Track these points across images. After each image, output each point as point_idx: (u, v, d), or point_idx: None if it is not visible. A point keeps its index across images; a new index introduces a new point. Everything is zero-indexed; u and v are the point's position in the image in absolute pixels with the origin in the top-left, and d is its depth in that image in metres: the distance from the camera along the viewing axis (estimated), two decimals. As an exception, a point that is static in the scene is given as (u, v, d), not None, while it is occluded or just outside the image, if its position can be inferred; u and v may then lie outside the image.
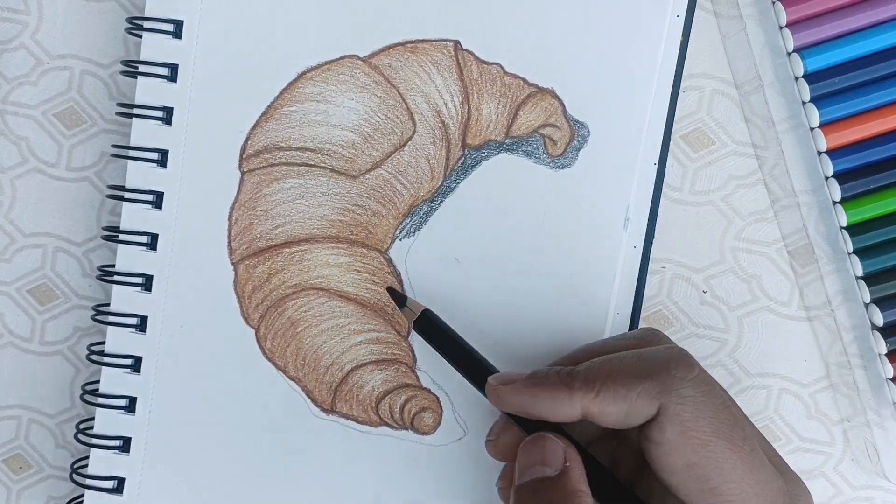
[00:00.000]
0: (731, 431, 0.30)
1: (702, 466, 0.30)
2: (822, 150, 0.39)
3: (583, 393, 0.31)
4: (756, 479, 0.30)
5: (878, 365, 0.39)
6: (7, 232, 0.41)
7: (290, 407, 0.39)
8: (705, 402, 0.30)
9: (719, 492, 0.30)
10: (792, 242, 0.41)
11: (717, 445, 0.30)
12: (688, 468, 0.30)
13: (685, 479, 0.30)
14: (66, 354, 0.42)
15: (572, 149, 0.39)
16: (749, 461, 0.30)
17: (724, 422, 0.30)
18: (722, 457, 0.30)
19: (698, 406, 0.30)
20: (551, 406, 0.31)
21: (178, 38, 0.38)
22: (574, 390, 0.31)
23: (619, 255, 0.39)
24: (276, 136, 0.39)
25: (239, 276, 0.39)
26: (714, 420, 0.30)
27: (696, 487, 0.30)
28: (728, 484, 0.30)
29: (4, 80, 0.41)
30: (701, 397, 0.30)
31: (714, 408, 0.30)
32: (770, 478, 0.30)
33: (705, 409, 0.30)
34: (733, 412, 0.31)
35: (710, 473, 0.30)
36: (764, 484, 0.30)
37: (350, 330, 0.39)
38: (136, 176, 0.39)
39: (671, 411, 0.30)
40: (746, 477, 0.30)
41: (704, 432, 0.30)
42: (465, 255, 0.39)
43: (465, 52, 0.39)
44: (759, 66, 0.39)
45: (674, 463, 0.30)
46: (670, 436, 0.30)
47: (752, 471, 0.30)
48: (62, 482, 0.42)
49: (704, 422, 0.30)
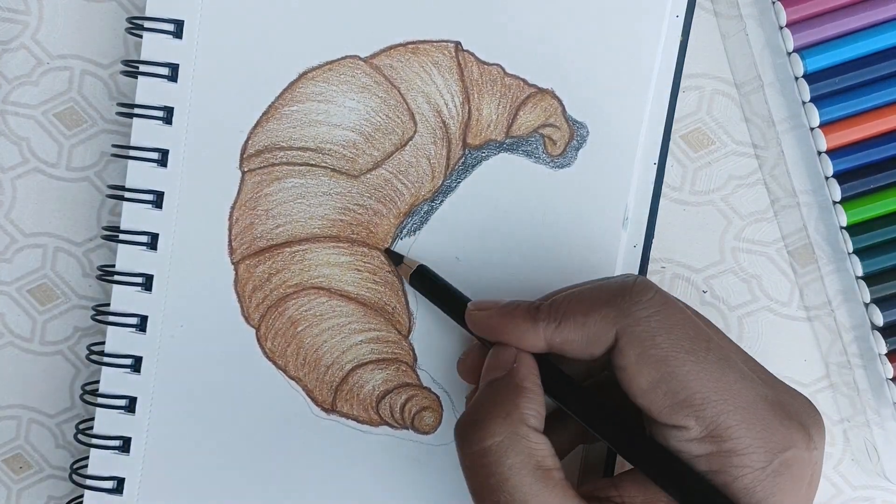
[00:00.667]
0: (692, 344, 0.30)
1: (667, 381, 0.29)
2: (822, 150, 0.39)
3: (545, 323, 0.31)
4: (726, 385, 0.29)
5: (878, 365, 0.39)
6: (7, 232, 0.41)
7: (290, 407, 0.39)
8: (661, 320, 0.30)
9: (689, 403, 0.29)
10: (792, 242, 0.41)
11: (677, 359, 0.29)
12: (654, 386, 0.30)
13: (654, 398, 0.30)
14: (66, 354, 0.42)
15: (571, 148, 0.39)
16: (717, 369, 0.29)
17: (683, 336, 0.30)
18: (685, 369, 0.29)
19: (654, 324, 0.30)
20: (517, 334, 0.32)
21: (179, 38, 0.38)
22: (538, 320, 0.32)
23: (619, 254, 0.39)
24: (276, 135, 0.39)
25: (239, 276, 0.39)
26: (672, 335, 0.30)
27: (666, 404, 0.29)
28: (696, 394, 0.29)
29: (5, 80, 0.41)
30: (657, 316, 0.30)
31: (672, 323, 0.30)
32: (745, 384, 0.30)
33: (662, 326, 0.30)
34: (696, 325, 0.31)
35: (676, 387, 0.29)
36: (738, 390, 0.29)
37: (350, 329, 0.39)
38: (136, 176, 0.39)
39: (629, 333, 0.30)
40: (715, 385, 0.29)
41: (663, 348, 0.30)
42: (465, 254, 0.39)
43: (465, 53, 0.39)
44: (759, 66, 0.39)
45: (640, 384, 0.30)
46: (632, 358, 0.30)
47: (722, 378, 0.29)
48: (62, 482, 0.42)
49: (662, 338, 0.30)
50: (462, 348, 0.39)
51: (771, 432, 0.29)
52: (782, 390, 0.31)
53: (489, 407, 0.31)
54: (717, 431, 0.29)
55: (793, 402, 0.31)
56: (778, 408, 0.30)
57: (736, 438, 0.29)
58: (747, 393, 0.29)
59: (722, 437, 0.29)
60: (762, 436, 0.29)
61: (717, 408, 0.29)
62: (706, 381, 0.29)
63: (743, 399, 0.29)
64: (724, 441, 0.29)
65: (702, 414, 0.29)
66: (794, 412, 0.30)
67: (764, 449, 0.29)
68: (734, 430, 0.29)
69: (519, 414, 0.31)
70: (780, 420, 0.29)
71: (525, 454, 0.30)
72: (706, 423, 0.29)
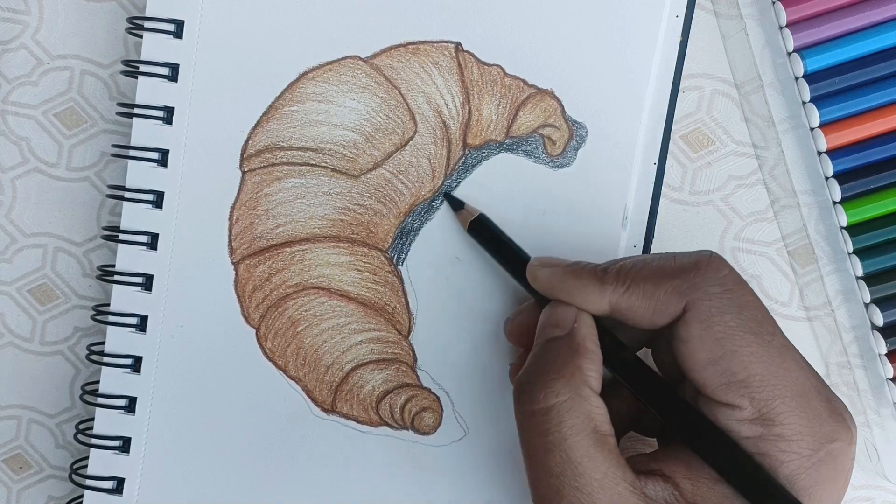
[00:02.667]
0: (758, 326, 0.30)
1: (727, 359, 0.29)
2: (822, 150, 0.39)
3: (613, 287, 0.31)
4: (785, 371, 0.29)
5: (878, 365, 0.39)
6: (7, 232, 0.41)
7: (290, 407, 0.39)
8: (732, 298, 0.30)
9: (746, 384, 0.29)
10: (792, 242, 0.41)
11: (742, 339, 0.29)
12: (713, 362, 0.30)
13: (712, 374, 0.30)
14: (66, 354, 0.42)
15: (571, 148, 0.39)
16: (778, 354, 0.30)
17: (750, 317, 0.30)
18: (748, 350, 0.29)
19: (724, 301, 0.30)
20: (583, 295, 0.32)
21: (179, 38, 0.38)
22: (606, 283, 0.31)
23: (619, 254, 0.39)
24: (277, 135, 0.39)
25: (239, 276, 0.39)
26: (740, 315, 0.30)
27: (722, 381, 0.29)
28: (754, 376, 0.29)
29: (5, 80, 0.41)
30: (727, 294, 0.30)
31: (742, 303, 0.30)
32: (800, 372, 0.30)
33: (731, 304, 0.30)
34: (764, 309, 0.31)
35: (735, 366, 0.29)
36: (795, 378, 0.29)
37: (350, 329, 0.39)
38: (136, 176, 0.39)
39: (698, 306, 0.30)
40: (776, 370, 0.29)
41: (729, 326, 0.30)
42: (465, 253, 0.39)
43: (465, 54, 0.39)
44: (759, 66, 0.39)
45: (700, 358, 0.30)
46: (695, 331, 0.30)
47: (783, 364, 0.30)
48: (62, 482, 0.42)
49: (730, 316, 0.30)
50: (463, 348, 0.39)
51: (820, 422, 0.29)
52: (826, 386, 0.31)
53: (551, 366, 0.31)
54: (768, 415, 0.29)
55: (835, 398, 0.31)
56: (826, 401, 0.30)
57: (786, 424, 0.29)
58: (803, 382, 0.30)
59: (773, 420, 0.29)
60: (812, 424, 0.29)
61: (773, 392, 0.29)
62: (767, 365, 0.29)
63: (799, 387, 0.30)
64: (775, 425, 0.29)
65: (757, 395, 0.29)
66: (838, 407, 0.30)
67: (812, 437, 0.29)
68: (786, 416, 0.29)
69: (582, 375, 0.30)
70: (828, 412, 0.30)
71: (585, 416, 0.30)
72: (759, 405, 0.29)
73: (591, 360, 0.31)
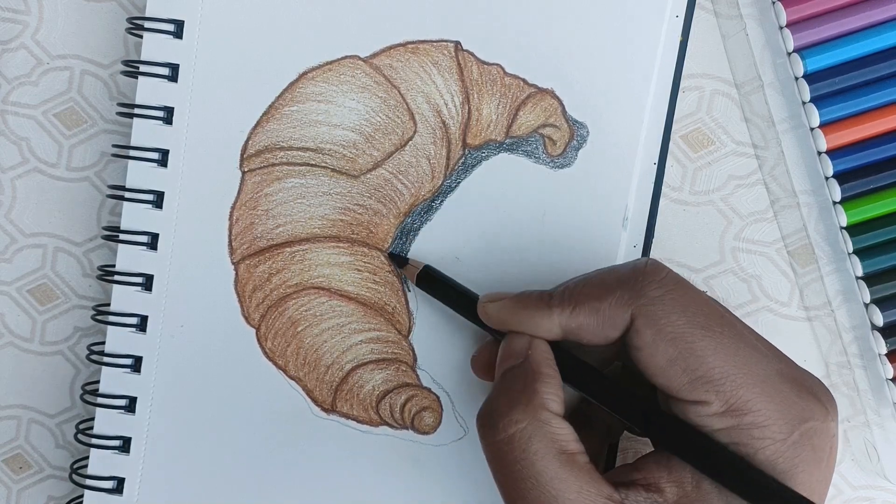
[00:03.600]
0: (707, 320, 0.30)
1: (684, 358, 0.30)
2: (822, 150, 0.39)
3: (559, 310, 0.32)
4: (743, 360, 0.30)
5: (878, 365, 0.39)
6: (7, 232, 0.41)
7: (290, 407, 0.39)
8: (676, 298, 0.30)
9: (707, 379, 0.29)
10: (792, 242, 0.41)
11: (693, 336, 0.30)
12: (671, 364, 0.30)
13: (672, 375, 0.30)
14: (66, 354, 0.42)
15: (571, 148, 0.39)
16: (732, 345, 0.30)
17: (698, 312, 0.30)
18: (701, 345, 0.30)
19: (668, 303, 0.30)
20: (532, 322, 0.32)
21: (179, 38, 0.38)
22: (552, 307, 0.32)
23: (619, 254, 0.39)
24: (277, 135, 0.39)
25: (239, 276, 0.39)
26: (687, 312, 0.30)
27: (684, 381, 0.30)
28: (714, 370, 0.29)
29: (5, 80, 0.41)
30: (671, 294, 0.30)
31: (686, 301, 0.30)
32: (760, 359, 0.30)
33: (676, 304, 0.30)
34: (709, 303, 0.31)
35: (693, 364, 0.29)
36: (754, 365, 0.30)
37: (350, 329, 0.39)
38: (136, 176, 0.39)
39: (643, 313, 0.30)
40: (732, 360, 0.29)
41: (678, 326, 0.30)
42: (465, 254, 0.39)
43: (465, 53, 0.39)
44: (759, 66, 0.39)
45: (658, 363, 0.30)
46: (647, 338, 0.30)
47: (737, 353, 0.30)
48: (62, 482, 0.42)
49: (676, 316, 0.30)
50: (463, 347, 0.39)
51: (789, 404, 0.29)
52: (794, 366, 0.31)
53: (508, 395, 0.31)
54: (737, 405, 0.29)
55: (806, 377, 0.31)
56: (793, 381, 0.30)
57: (756, 411, 0.29)
58: (764, 367, 0.30)
59: (742, 410, 0.29)
60: (781, 408, 0.29)
61: (736, 381, 0.29)
62: (723, 357, 0.29)
63: (760, 373, 0.30)
64: (745, 414, 0.29)
65: (721, 388, 0.29)
66: (808, 386, 0.30)
67: (784, 420, 0.29)
68: (754, 403, 0.29)
69: (539, 399, 0.31)
70: (796, 392, 0.30)
71: (548, 439, 0.30)
72: (726, 397, 0.29)
73: (547, 383, 0.31)
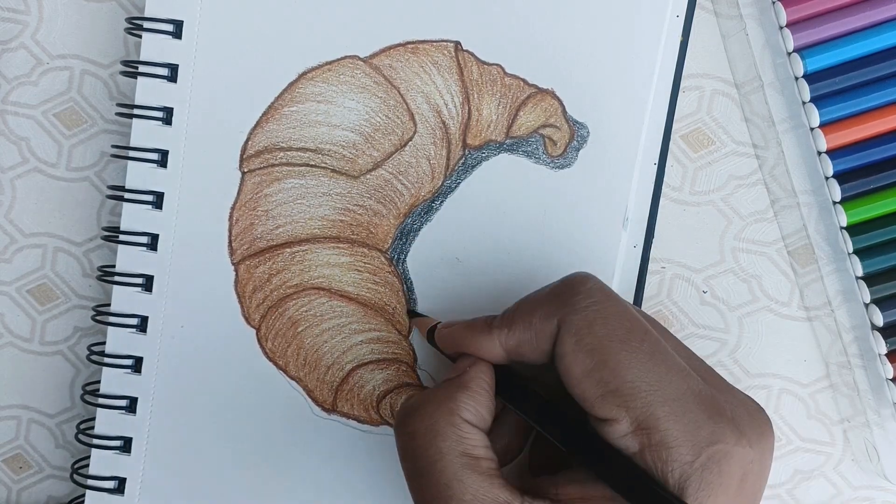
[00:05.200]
0: (626, 333, 0.30)
1: (598, 370, 0.30)
2: (822, 150, 0.39)
3: (499, 331, 0.33)
4: (657, 377, 0.29)
5: (878, 365, 0.39)
6: (7, 232, 0.41)
7: (291, 407, 0.39)
8: (599, 310, 0.31)
9: (619, 393, 0.29)
10: (792, 242, 0.41)
11: (610, 348, 0.30)
12: (587, 375, 0.30)
13: (587, 386, 0.30)
14: (66, 354, 0.42)
15: (572, 149, 0.39)
16: (648, 360, 0.30)
17: (618, 325, 0.30)
18: (616, 358, 0.30)
19: (591, 313, 0.31)
20: (477, 345, 0.33)
21: (178, 39, 0.38)
22: (493, 329, 0.33)
23: (619, 254, 0.39)
24: (276, 136, 0.39)
25: (240, 277, 0.39)
26: (608, 324, 0.30)
27: (597, 393, 0.30)
28: (625, 384, 0.29)
29: (4, 80, 0.41)
30: (594, 306, 0.31)
31: (609, 314, 0.31)
32: (676, 377, 0.30)
33: (599, 315, 0.31)
34: (633, 317, 0.31)
35: (607, 376, 0.30)
36: (667, 382, 0.29)
37: (351, 329, 0.39)
38: (136, 176, 0.39)
39: (567, 322, 0.31)
40: (645, 375, 0.29)
41: (598, 336, 0.30)
42: (465, 254, 0.39)
43: (465, 53, 0.39)
44: (759, 66, 0.39)
45: (575, 372, 0.30)
46: (568, 346, 0.30)
47: (653, 370, 0.30)
48: (62, 482, 0.42)
49: (598, 327, 0.30)
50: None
51: (697, 426, 0.29)
52: (722, 389, 0.31)
53: (431, 397, 0.32)
54: (646, 423, 0.29)
55: (730, 401, 0.31)
56: (708, 402, 0.30)
57: (664, 430, 0.29)
58: (677, 385, 0.30)
59: (652, 429, 0.29)
60: (689, 429, 0.29)
61: (646, 398, 0.29)
62: (636, 371, 0.29)
63: (672, 391, 0.29)
64: (654, 433, 0.29)
65: (631, 404, 0.29)
66: (726, 408, 0.30)
67: (691, 442, 0.29)
68: (662, 422, 0.29)
69: (454, 404, 0.32)
70: (708, 414, 0.29)
71: (453, 439, 0.31)
72: (635, 413, 0.29)
73: (470, 396, 0.32)
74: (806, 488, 0.42)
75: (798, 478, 0.42)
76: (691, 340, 0.42)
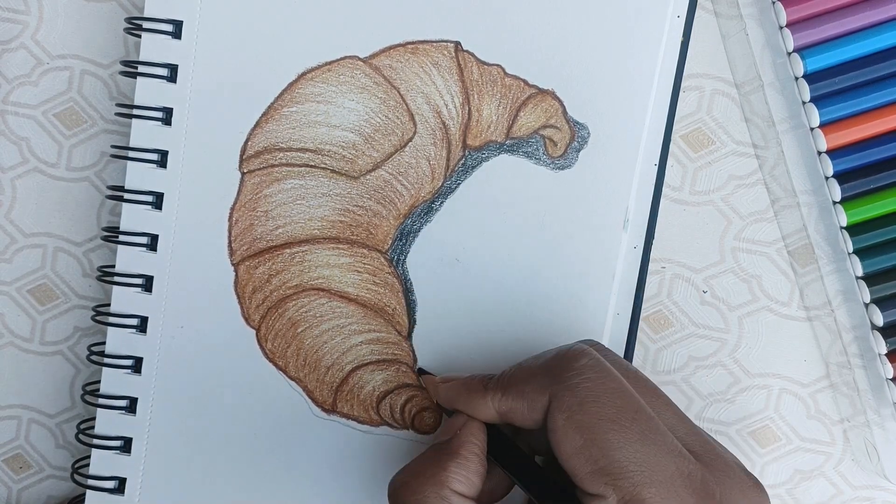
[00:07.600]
0: (617, 413, 0.30)
1: (588, 448, 0.30)
2: (822, 150, 0.39)
3: (493, 393, 0.33)
4: (646, 457, 0.30)
5: (878, 365, 0.39)
6: (7, 232, 0.41)
7: (290, 407, 0.39)
8: (591, 387, 0.31)
9: (607, 472, 0.29)
10: (792, 242, 0.41)
11: (600, 427, 0.30)
12: (577, 452, 0.30)
13: (576, 463, 0.30)
14: (66, 354, 0.42)
15: (572, 150, 0.39)
16: (638, 440, 0.30)
17: (609, 404, 0.31)
18: (606, 437, 0.30)
19: (583, 391, 0.31)
20: (471, 404, 0.34)
21: (178, 39, 0.38)
22: (488, 391, 0.34)
23: (619, 255, 0.39)
24: (276, 136, 0.39)
25: (239, 277, 0.39)
26: (599, 403, 0.31)
27: (586, 470, 0.30)
28: (614, 464, 0.29)
29: (4, 80, 0.41)
30: (587, 383, 0.31)
31: (601, 391, 0.31)
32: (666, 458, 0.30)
33: (590, 393, 0.31)
34: (625, 394, 0.31)
35: (596, 455, 0.30)
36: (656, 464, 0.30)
37: (350, 330, 0.39)
38: (135, 176, 0.39)
39: (558, 398, 0.31)
40: (634, 456, 0.30)
41: (588, 414, 0.30)
42: (465, 255, 0.39)
43: (465, 54, 0.39)
44: (759, 66, 0.39)
45: (565, 448, 0.30)
46: (559, 422, 0.31)
47: (642, 450, 0.30)
48: (62, 482, 0.42)
49: (590, 405, 0.31)
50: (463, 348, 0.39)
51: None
52: (717, 467, 0.31)
53: (421, 468, 0.33)
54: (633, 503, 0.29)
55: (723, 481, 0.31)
56: (697, 485, 0.30)
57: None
58: (666, 466, 0.30)
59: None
60: None
61: (634, 479, 0.29)
62: (626, 452, 0.30)
63: (661, 473, 0.29)
64: None
65: (619, 484, 0.29)
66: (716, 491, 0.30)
67: None
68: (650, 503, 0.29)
69: (445, 476, 0.32)
70: (697, 498, 0.29)
71: None
72: (622, 493, 0.29)
73: (460, 464, 0.32)
74: (806, 488, 0.42)
75: (798, 477, 0.42)
76: (691, 340, 0.42)
